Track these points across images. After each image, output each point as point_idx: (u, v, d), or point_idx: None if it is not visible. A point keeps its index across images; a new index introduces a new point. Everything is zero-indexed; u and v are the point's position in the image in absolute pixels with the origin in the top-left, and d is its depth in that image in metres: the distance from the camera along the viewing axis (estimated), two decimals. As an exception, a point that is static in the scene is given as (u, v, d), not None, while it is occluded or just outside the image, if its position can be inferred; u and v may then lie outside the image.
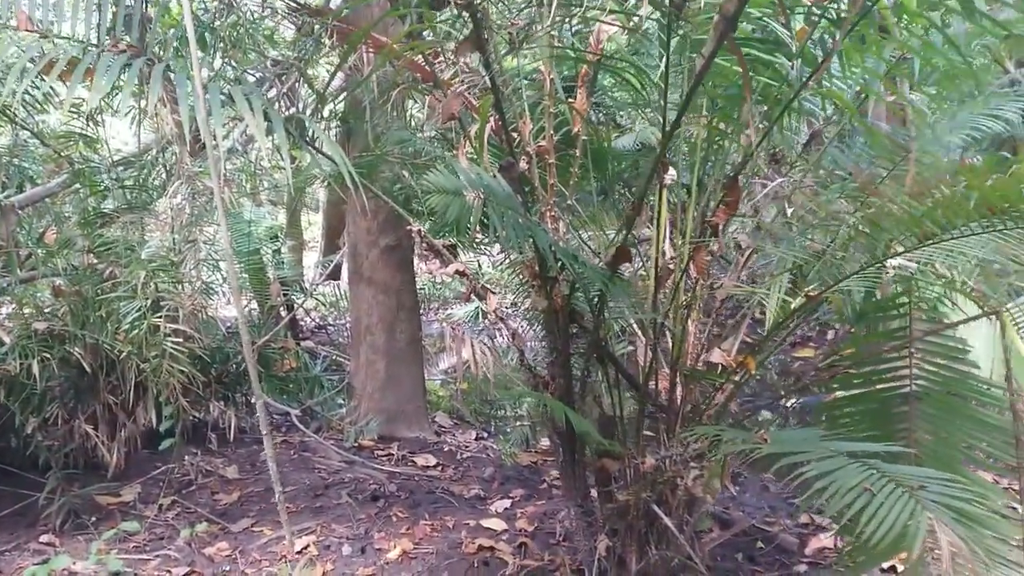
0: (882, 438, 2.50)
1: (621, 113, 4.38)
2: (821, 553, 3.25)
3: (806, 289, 2.25)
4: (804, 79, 2.13)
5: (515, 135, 2.55)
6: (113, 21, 2.60)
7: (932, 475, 1.82)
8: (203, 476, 4.11)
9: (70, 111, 4.76)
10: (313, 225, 13.23)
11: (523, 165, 2.53)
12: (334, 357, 6.58)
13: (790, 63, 2.31)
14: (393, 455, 4.52)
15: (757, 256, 2.85)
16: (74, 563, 2.97)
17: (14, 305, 3.98)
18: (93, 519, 3.50)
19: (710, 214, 2.47)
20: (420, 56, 2.66)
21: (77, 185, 4.69)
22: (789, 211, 2.59)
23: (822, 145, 3.04)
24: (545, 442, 4.94)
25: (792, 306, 2.33)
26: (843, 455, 1.83)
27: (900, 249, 2.03)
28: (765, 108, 2.36)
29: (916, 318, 2.38)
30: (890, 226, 1.97)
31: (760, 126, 2.19)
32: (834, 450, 1.85)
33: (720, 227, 2.46)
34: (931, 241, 1.95)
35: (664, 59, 1.83)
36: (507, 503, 3.82)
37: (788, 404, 5.88)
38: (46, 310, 4.00)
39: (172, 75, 2.29)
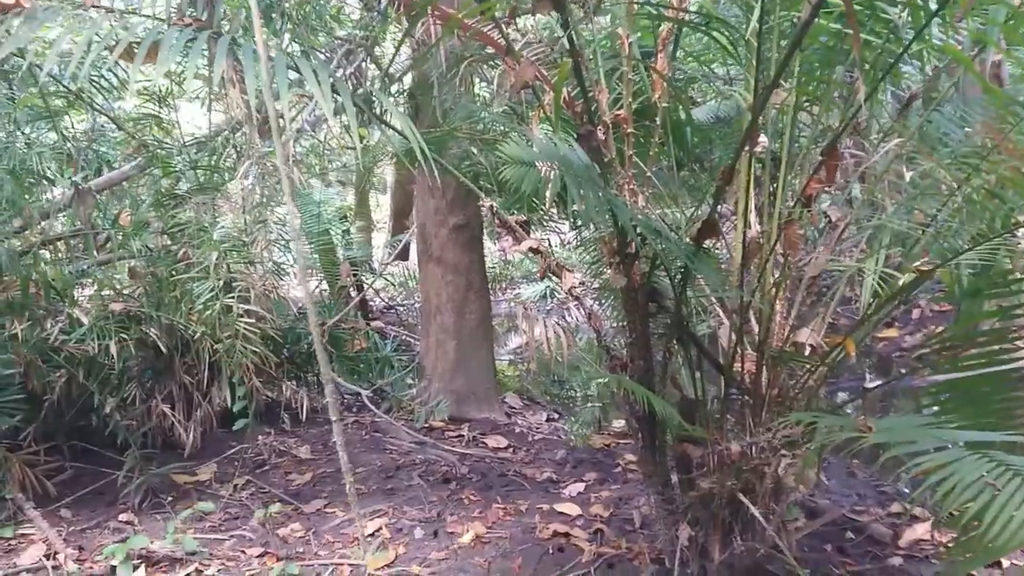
0: (990, 427, 2.31)
1: (692, 86, 4.20)
2: (917, 545, 3.05)
3: (916, 264, 2.07)
4: (910, 32, 1.94)
5: (591, 104, 2.41)
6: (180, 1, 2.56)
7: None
8: (276, 456, 4.12)
9: (140, 94, 4.81)
10: (382, 206, 13.31)
11: (599, 135, 2.40)
12: (404, 337, 6.59)
13: (895, 16, 2.12)
14: (464, 436, 4.47)
15: (848, 230, 2.67)
16: (152, 542, 2.99)
17: (95, 287, 4.04)
18: (170, 498, 3.54)
19: (801, 185, 2.31)
20: (490, 25, 2.55)
21: (152, 168, 4.75)
22: (905, 176, 2.39)
23: (915, 111, 2.83)
24: (617, 424, 4.83)
25: (900, 282, 2.15)
26: (959, 446, 1.66)
27: (1022, 219, 1.83)
28: (865, 67, 2.18)
29: (1035, 295, 2.17)
30: (1017, 193, 1.77)
31: (861, 87, 2.01)
32: (948, 440, 1.68)
33: (813, 199, 2.29)
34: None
35: (758, 10, 1.67)
36: (580, 487, 3.72)
37: (872, 386, 5.63)
38: (124, 292, 4.06)
39: (238, 49, 2.23)
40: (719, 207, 2.42)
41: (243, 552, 3.06)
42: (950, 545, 2.57)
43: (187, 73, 2.42)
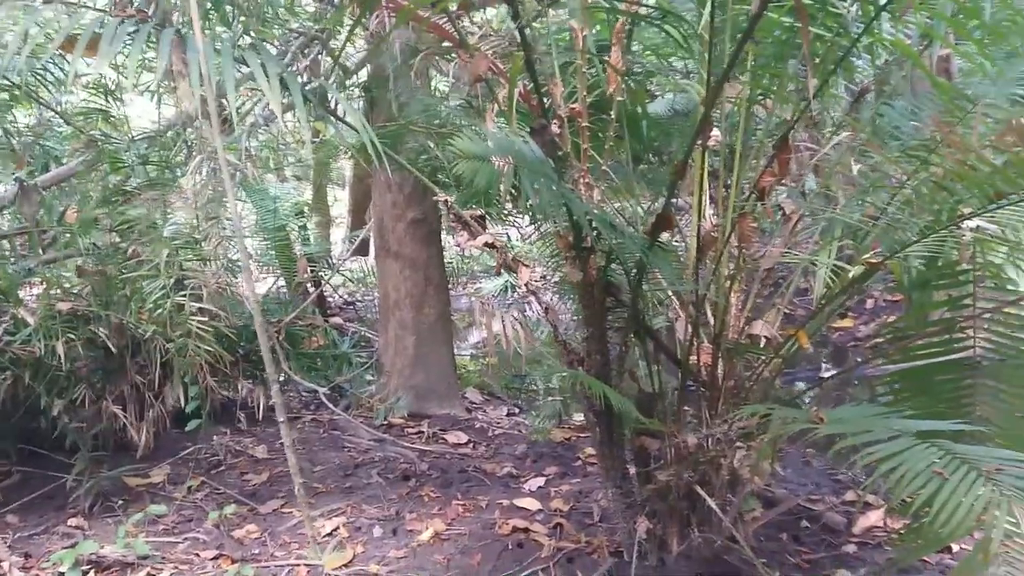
0: (942, 414, 2.35)
1: (651, 80, 4.22)
2: (870, 532, 3.10)
3: (865, 256, 2.10)
4: (860, 26, 1.96)
5: (546, 98, 2.40)
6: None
7: (1007, 456, 1.67)
8: (232, 456, 4.05)
9: (88, 88, 4.68)
10: (340, 201, 13.18)
11: (555, 129, 2.39)
12: (363, 333, 6.52)
13: (845, 10, 2.13)
14: (424, 433, 4.44)
15: (801, 222, 2.69)
16: (102, 547, 2.92)
17: (41, 286, 3.93)
18: (121, 501, 3.45)
19: (755, 178, 2.32)
20: (445, 18, 2.52)
21: (100, 163, 4.63)
22: (853, 169, 2.42)
23: (867, 104, 2.88)
24: (578, 417, 4.83)
25: (851, 275, 2.17)
26: (909, 435, 1.68)
27: (967, 211, 1.86)
28: (816, 61, 2.19)
29: (982, 285, 2.21)
30: (963, 185, 1.80)
31: (812, 80, 2.02)
32: (899, 429, 1.71)
33: (766, 192, 2.31)
34: (1005, 202, 1.78)
35: (710, 4, 1.67)
36: (541, 481, 3.72)
37: (827, 376, 5.71)
38: (72, 291, 3.95)
39: (184, 41, 2.17)
40: (676, 200, 2.44)
41: (197, 555, 3.01)
42: (902, 532, 2.62)
43: (132, 66, 2.35)
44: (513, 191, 2.98)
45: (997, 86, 2.60)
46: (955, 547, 2.86)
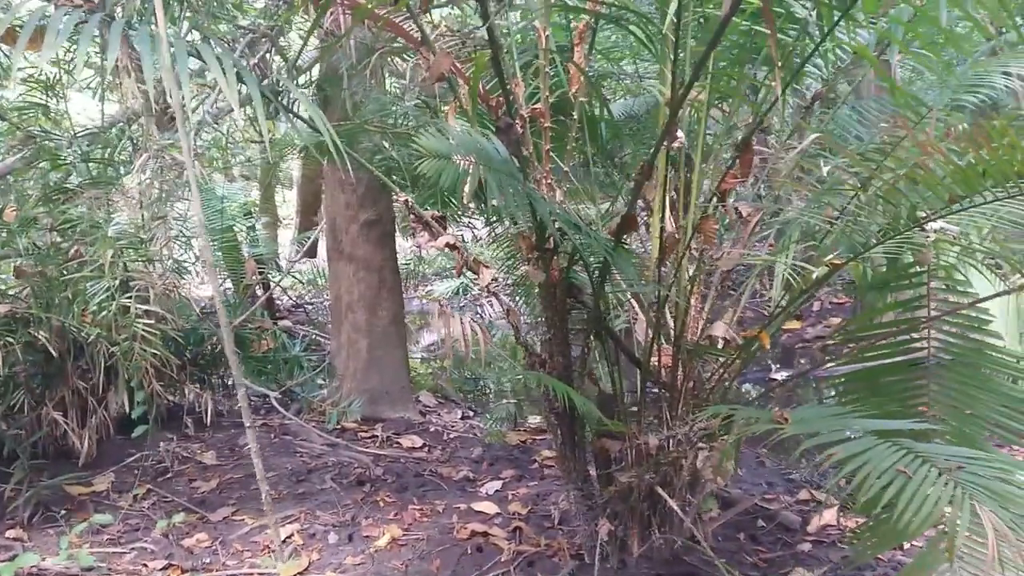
0: (893, 414, 2.40)
1: (604, 83, 4.24)
2: (824, 531, 3.15)
3: (828, 257, 2.12)
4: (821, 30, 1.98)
5: (508, 97, 2.38)
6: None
7: (965, 454, 1.71)
8: (180, 463, 3.93)
9: (26, 82, 4.51)
10: (288, 202, 12.98)
11: (518, 129, 2.37)
12: (313, 336, 6.42)
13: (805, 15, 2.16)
14: (377, 437, 4.37)
15: (759, 225, 2.73)
16: (43, 559, 2.80)
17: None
18: (63, 511, 3.32)
19: (717, 180, 2.34)
20: (402, 16, 2.48)
21: (39, 161, 4.46)
22: (823, 170, 2.45)
23: (823, 109, 2.93)
24: (533, 420, 4.82)
25: (815, 275, 2.20)
26: (870, 435, 1.71)
27: (924, 214, 1.89)
28: (779, 65, 2.21)
29: (934, 287, 2.26)
30: (924, 188, 1.83)
31: (771, 84, 2.05)
32: (860, 430, 1.73)
33: (727, 194, 2.32)
34: (965, 205, 1.82)
35: (675, 4, 1.66)
36: (498, 485, 3.69)
37: (783, 378, 5.81)
38: (9, 292, 3.80)
39: (133, 34, 2.10)
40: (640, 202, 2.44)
41: (145, 566, 2.90)
42: (857, 531, 2.66)
43: (79, 60, 2.26)
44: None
45: (939, 92, 2.67)
46: (907, 544, 2.93)
